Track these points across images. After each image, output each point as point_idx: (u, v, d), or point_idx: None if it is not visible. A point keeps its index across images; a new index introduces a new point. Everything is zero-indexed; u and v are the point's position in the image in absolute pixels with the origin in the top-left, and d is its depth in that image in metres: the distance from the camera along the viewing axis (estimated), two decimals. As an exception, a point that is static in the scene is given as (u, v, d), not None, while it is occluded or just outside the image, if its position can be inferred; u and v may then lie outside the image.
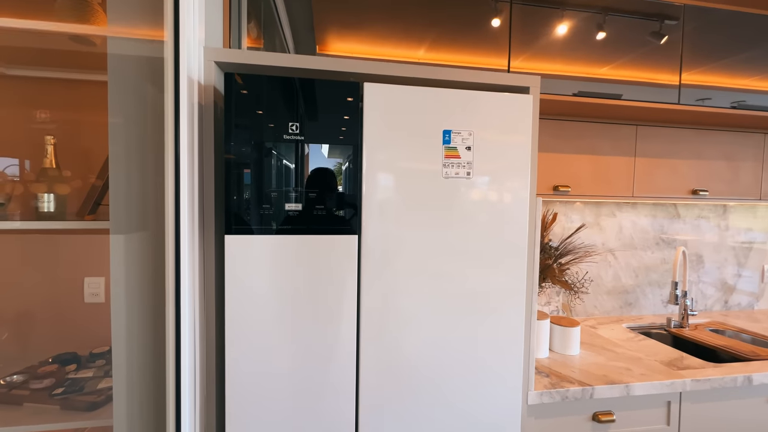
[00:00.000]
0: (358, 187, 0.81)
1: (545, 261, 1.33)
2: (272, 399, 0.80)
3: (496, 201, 0.87)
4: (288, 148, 0.78)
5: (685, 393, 1.12)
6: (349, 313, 0.82)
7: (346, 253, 0.81)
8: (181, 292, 0.76)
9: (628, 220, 1.76)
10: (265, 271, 0.78)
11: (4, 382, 1.06)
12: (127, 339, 0.83)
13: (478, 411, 0.89)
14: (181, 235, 0.76)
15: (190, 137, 0.79)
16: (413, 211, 0.83)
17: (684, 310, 1.63)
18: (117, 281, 0.79)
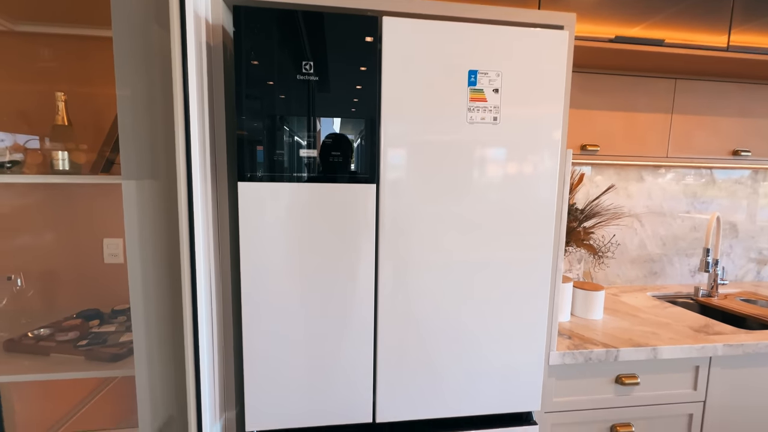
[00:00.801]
0: (376, 134, 0.76)
1: (570, 224, 1.26)
2: (290, 351, 0.79)
3: (523, 150, 0.81)
4: (302, 89, 0.73)
5: (716, 358, 1.07)
6: (366, 264, 0.79)
7: (363, 203, 0.77)
8: (195, 243, 0.74)
9: (658, 186, 1.66)
10: (280, 220, 0.75)
11: (32, 335, 1.10)
12: (144, 290, 0.82)
13: (498, 370, 0.86)
14: (193, 182, 0.73)
15: (199, 79, 0.74)
16: (435, 158, 0.78)
17: (714, 279, 1.56)
18: (131, 228, 0.77)
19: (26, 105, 1.24)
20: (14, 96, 1.23)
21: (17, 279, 1.26)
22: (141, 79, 0.79)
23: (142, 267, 0.81)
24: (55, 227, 1.32)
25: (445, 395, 0.84)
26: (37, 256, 1.32)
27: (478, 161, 0.79)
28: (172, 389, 0.85)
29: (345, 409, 0.81)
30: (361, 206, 0.77)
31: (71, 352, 1.03)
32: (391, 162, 0.77)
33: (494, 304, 0.84)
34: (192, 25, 0.72)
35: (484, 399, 0.86)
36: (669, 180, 1.67)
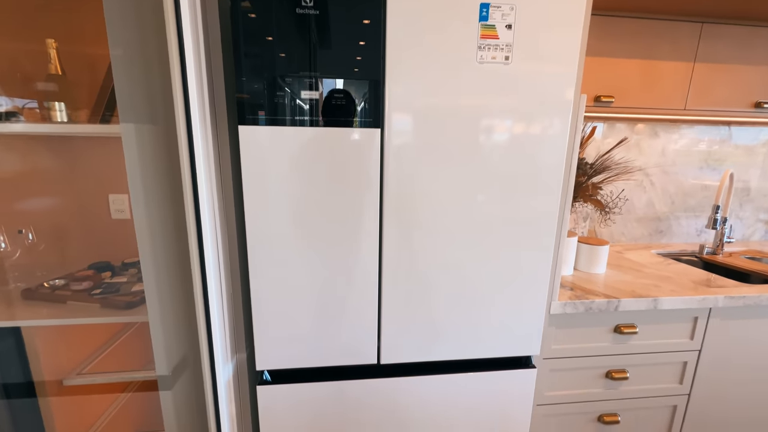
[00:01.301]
0: (381, 73, 0.72)
1: (578, 178, 1.24)
2: (296, 296, 0.81)
3: (535, 94, 0.77)
4: (302, 24, 0.69)
5: (716, 309, 1.09)
6: (371, 211, 0.78)
7: (368, 148, 0.75)
8: (198, 188, 0.74)
9: (672, 142, 1.61)
10: (282, 165, 0.74)
11: (48, 285, 1.13)
12: (151, 238, 0.83)
13: (500, 317, 0.88)
14: (192, 127, 0.71)
15: (193, 18, 0.70)
16: (441, 100, 0.75)
17: (720, 237, 1.55)
18: (133, 176, 0.77)
19: (17, 64, 1.19)
20: (3, 54, 1.19)
21: (28, 233, 1.28)
22: (133, 24, 0.74)
23: (146, 214, 0.82)
24: (60, 184, 1.32)
25: (447, 339, 0.87)
26: (46, 213, 1.33)
27: (488, 105, 0.76)
28: (185, 333, 0.89)
29: (351, 352, 0.85)
30: (366, 151, 0.75)
31: (87, 300, 1.06)
32: (397, 105, 0.74)
33: (498, 255, 0.84)
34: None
35: (486, 344, 0.89)
36: (684, 136, 1.61)
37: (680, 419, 1.17)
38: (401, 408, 0.89)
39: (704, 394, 1.16)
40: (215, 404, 0.83)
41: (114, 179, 1.36)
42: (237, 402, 0.92)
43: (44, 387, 1.06)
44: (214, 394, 0.83)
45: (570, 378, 1.09)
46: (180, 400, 0.92)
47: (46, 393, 1.06)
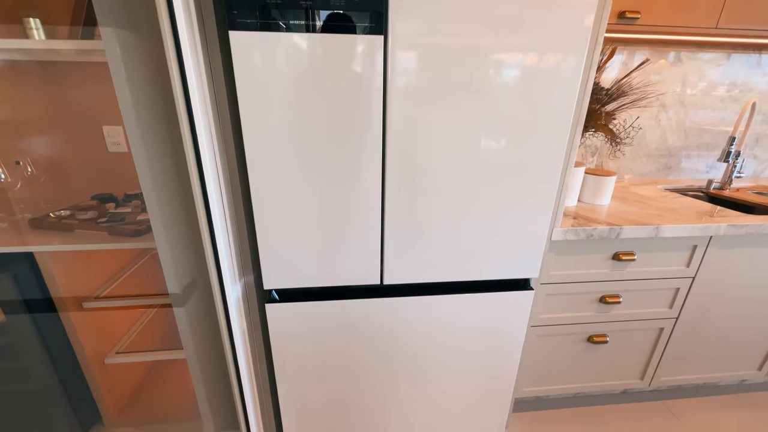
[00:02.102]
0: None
1: (591, 106, 1.17)
2: (299, 217, 0.81)
3: (553, 11, 0.69)
4: None
5: (716, 238, 1.10)
6: (374, 129, 0.75)
7: (371, 57, 0.69)
8: (192, 105, 0.70)
9: (696, 69, 1.50)
10: (280, 76, 0.69)
11: (54, 215, 1.14)
12: (148, 158, 0.81)
13: (502, 242, 0.89)
14: (179, 34, 0.65)
15: None
16: (450, 16, 0.67)
17: (731, 171, 1.51)
18: (121, 90, 0.73)
19: None
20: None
21: (26, 165, 1.26)
22: None
23: (142, 138, 0.79)
24: (52, 116, 1.28)
25: (450, 261, 0.89)
26: (41, 146, 1.30)
27: (500, 15, 0.69)
28: (193, 255, 0.91)
29: (355, 273, 0.87)
30: (367, 63, 0.70)
31: (94, 229, 1.08)
32: (400, 12, 0.67)
33: (504, 182, 0.83)
34: None
35: (487, 266, 0.91)
36: (709, 63, 1.49)
37: (665, 341, 1.25)
38: (403, 326, 0.95)
39: (691, 319, 1.22)
40: (227, 320, 0.88)
41: (106, 111, 1.31)
42: (247, 319, 0.97)
43: (65, 307, 1.12)
44: (225, 311, 0.87)
45: (565, 302, 1.13)
46: (193, 317, 0.98)
47: (68, 315, 1.12)
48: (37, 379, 1.09)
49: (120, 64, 0.72)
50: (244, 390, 0.97)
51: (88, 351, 1.18)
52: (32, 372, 1.08)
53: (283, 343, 0.93)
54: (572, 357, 1.23)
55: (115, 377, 1.30)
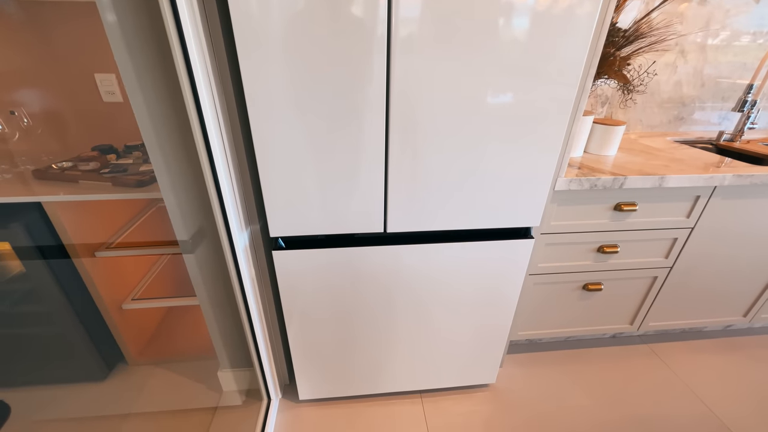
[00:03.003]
0: None
1: (606, 49, 1.11)
2: (302, 166, 0.80)
3: None
4: None
5: (720, 188, 1.10)
6: (378, 80, 0.72)
7: (373, 11, 0.65)
8: (189, 52, 0.67)
9: (722, 11, 1.39)
10: (278, 12, 0.65)
11: (56, 167, 1.14)
12: (149, 112, 0.79)
13: (504, 190, 0.89)
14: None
15: None
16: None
17: (744, 122, 1.47)
18: (118, 48, 0.69)
19: None
20: None
21: (21, 116, 1.24)
22: None
23: (139, 88, 0.76)
24: (40, 64, 1.22)
25: (452, 209, 0.90)
26: (33, 96, 1.26)
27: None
28: (199, 204, 0.92)
29: (359, 220, 0.89)
30: (371, 14, 0.65)
31: (98, 180, 1.08)
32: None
33: (509, 131, 0.81)
34: None
35: (490, 215, 0.92)
36: (736, 4, 1.39)
37: (657, 289, 1.29)
38: (406, 272, 0.98)
39: (684, 268, 1.26)
40: (236, 267, 0.91)
41: (96, 57, 1.25)
42: (255, 266, 1.01)
43: (77, 254, 1.15)
44: (234, 258, 0.90)
45: (563, 251, 1.16)
46: (203, 264, 1.01)
47: (80, 260, 1.16)
48: (60, 323, 1.16)
49: (111, 11, 0.68)
50: (256, 331, 1.03)
51: (105, 297, 1.24)
52: (55, 316, 1.14)
53: (291, 288, 0.97)
54: (567, 303, 1.29)
55: (133, 321, 1.38)
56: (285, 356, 1.23)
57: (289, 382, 1.30)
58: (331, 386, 1.18)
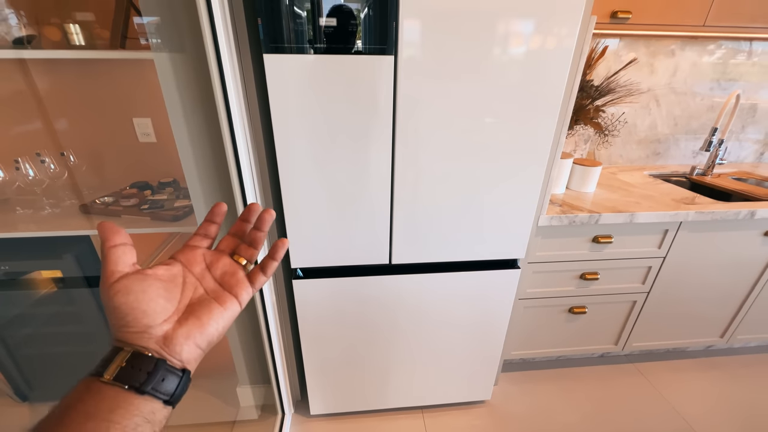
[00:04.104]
0: (393, 4, 0.75)
1: (582, 101, 1.28)
2: (321, 207, 0.96)
3: (540, 19, 0.79)
4: (317, -54, 0.70)
5: (686, 223, 1.24)
6: (384, 131, 0.88)
7: (380, 74, 0.81)
8: (232, 113, 0.83)
9: (688, 62, 1.58)
10: (304, 88, 0.82)
11: (99, 202, 1.30)
12: (194, 158, 0.95)
13: (494, 226, 1.04)
14: (221, 54, 0.77)
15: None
16: (453, 28, 0.78)
17: (713, 158, 1.63)
18: (171, 103, 0.85)
19: None
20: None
21: (69, 155, 1.40)
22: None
23: (189, 136, 0.92)
24: (84, 108, 1.40)
25: (449, 243, 1.04)
26: (77, 137, 1.43)
27: (495, 28, 0.80)
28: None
29: (368, 254, 1.03)
30: (379, 76, 0.82)
31: (138, 215, 1.24)
32: (409, 31, 0.78)
33: (495, 174, 0.96)
34: None
35: (481, 248, 1.06)
36: (701, 54, 1.57)
37: (637, 312, 1.42)
38: (408, 299, 1.12)
39: (661, 293, 1.38)
40: (260, 293, 1.05)
41: (135, 103, 1.43)
42: (276, 292, 1.15)
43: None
44: (259, 285, 1.04)
45: (549, 278, 1.30)
46: (231, 291, 1.15)
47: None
48: (100, 341, 1.29)
49: (170, 77, 0.85)
50: (275, 351, 1.16)
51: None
52: (96, 336, 1.28)
53: (307, 312, 1.10)
54: (555, 325, 1.41)
55: (158, 341, 1.50)
56: (298, 373, 1.35)
57: (301, 398, 1.41)
58: (340, 402, 1.29)
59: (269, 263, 0.37)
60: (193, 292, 0.34)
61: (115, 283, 0.29)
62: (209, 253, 0.37)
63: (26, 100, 1.35)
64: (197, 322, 0.31)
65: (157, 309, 0.30)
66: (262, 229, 0.38)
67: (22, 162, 1.23)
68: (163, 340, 0.29)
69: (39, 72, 1.32)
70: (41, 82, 1.33)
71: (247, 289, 0.36)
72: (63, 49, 1.09)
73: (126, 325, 0.29)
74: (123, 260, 0.31)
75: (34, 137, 1.41)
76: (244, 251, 0.37)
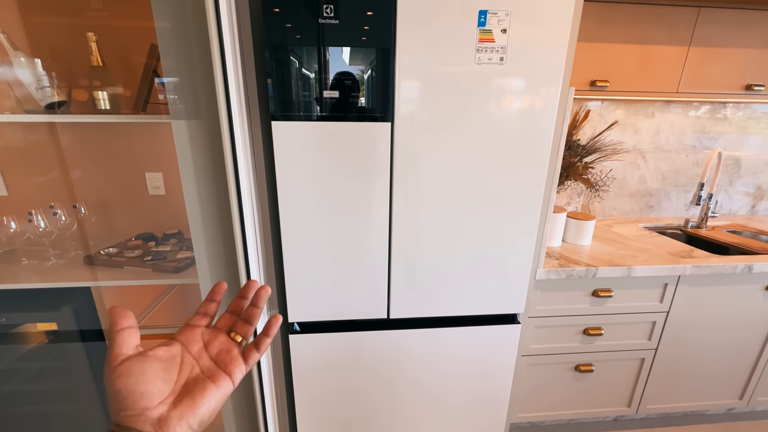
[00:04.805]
0: (390, 76, 0.84)
1: (570, 159, 1.35)
2: (321, 263, 0.97)
3: (527, 89, 0.88)
4: (322, 33, 0.80)
5: (684, 277, 1.24)
6: (382, 191, 0.93)
7: (378, 140, 0.88)
8: (240, 175, 0.89)
9: (668, 122, 1.69)
10: (307, 151, 0.88)
11: (104, 253, 1.33)
12: (201, 213, 1.00)
13: (492, 282, 1.04)
14: (233, 121, 0.84)
15: (229, 23, 0.81)
16: (445, 97, 0.87)
17: (705, 211, 1.66)
18: (184, 162, 0.92)
19: (60, 43, 1.32)
20: (48, 29, 1.31)
21: (81, 207, 1.46)
22: (177, 18, 0.86)
23: (197, 193, 0.97)
24: (100, 163, 1.49)
25: (446, 298, 1.04)
26: (90, 189, 1.50)
27: (484, 99, 0.88)
28: (228, 292, 1.07)
29: (366, 308, 1.03)
30: (377, 141, 0.88)
31: (140, 266, 1.25)
32: (404, 101, 0.86)
33: (492, 229, 0.99)
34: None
35: (479, 302, 1.06)
36: (679, 115, 1.68)
37: (647, 370, 1.36)
38: (407, 355, 1.09)
39: (669, 349, 1.34)
40: (256, 348, 1.03)
41: (149, 158, 1.51)
42: (271, 347, 1.12)
43: (112, 335, 1.27)
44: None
45: (551, 334, 1.27)
46: (226, 346, 1.12)
47: (113, 340, 1.28)
48: (83, 399, 1.24)
49: (185, 141, 0.92)
50: (267, 410, 1.10)
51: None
52: (80, 394, 1.22)
53: (302, 370, 1.07)
54: (562, 384, 1.35)
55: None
56: (291, 430, 1.26)
57: (293, 467, 1.31)
58: (334, 471, 1.20)
59: (263, 340, 0.38)
60: (190, 371, 0.35)
61: (119, 366, 0.31)
62: (207, 332, 0.39)
63: (48, 153, 1.44)
64: (191, 402, 0.33)
65: (154, 391, 0.32)
66: (258, 305, 0.40)
67: (35, 214, 1.28)
68: (158, 422, 0.31)
69: (64, 129, 1.42)
70: (64, 137, 1.43)
71: (240, 367, 0.37)
72: (89, 114, 1.20)
73: (124, 408, 0.30)
74: (128, 343, 0.33)
75: (50, 188, 1.48)
76: (240, 328, 0.39)
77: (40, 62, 1.16)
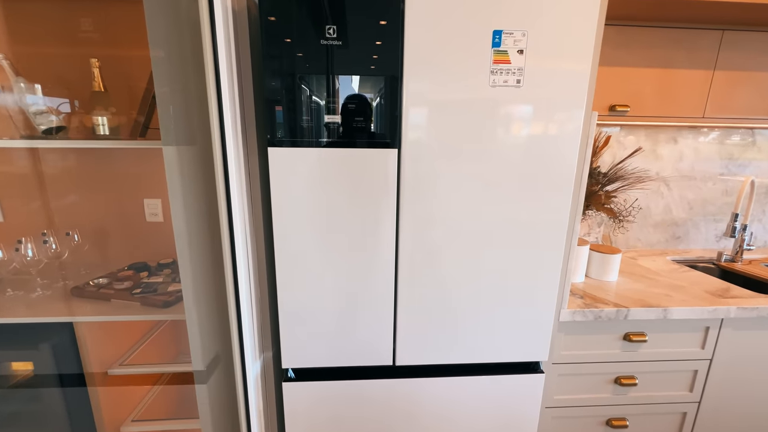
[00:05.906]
0: (397, 98, 0.78)
1: (591, 187, 1.26)
2: (319, 301, 0.88)
3: (546, 114, 0.81)
4: (327, 55, 0.75)
5: (728, 320, 1.10)
6: (388, 223, 0.84)
7: (384, 167, 0.81)
8: (231, 203, 0.81)
9: (691, 148, 1.59)
10: (305, 180, 0.80)
11: (93, 283, 1.25)
12: (189, 244, 0.92)
13: (510, 324, 0.93)
14: (227, 147, 0.78)
15: (227, 47, 0.77)
16: (456, 123, 0.79)
17: (740, 244, 1.53)
18: (174, 190, 0.85)
19: (63, 69, 1.31)
20: (52, 59, 1.30)
21: (74, 234, 1.40)
22: (173, 45, 0.82)
23: (186, 225, 0.90)
24: (99, 188, 1.44)
25: (459, 343, 0.92)
26: (87, 215, 1.45)
27: (500, 125, 0.80)
28: (218, 331, 0.98)
29: (369, 353, 0.91)
30: (383, 170, 0.81)
31: (128, 299, 1.17)
32: (412, 127, 0.79)
33: (509, 266, 0.89)
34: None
35: (496, 348, 0.94)
36: (704, 141, 1.59)
37: (690, 426, 1.19)
38: (415, 407, 0.96)
39: (715, 403, 1.17)
40: (245, 398, 0.92)
41: (149, 184, 1.47)
42: (264, 396, 1.00)
43: (93, 377, 1.17)
44: (244, 388, 0.91)
45: (578, 382, 1.12)
46: (214, 393, 1.01)
47: (94, 383, 1.17)
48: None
49: (175, 167, 0.86)
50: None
51: (106, 419, 1.20)
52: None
53: (298, 421, 0.95)
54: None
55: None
56: (282, 500, 1.11)
57: None
58: None
59: None
60: None
61: None
62: None
63: (45, 179, 1.40)
64: None
65: None
66: None
67: (24, 242, 1.22)
68: None
69: (63, 154, 1.39)
70: (63, 163, 1.39)
71: None
72: (85, 139, 1.16)
73: None
74: None
75: (46, 214, 1.43)
76: None
77: (40, 88, 1.14)
